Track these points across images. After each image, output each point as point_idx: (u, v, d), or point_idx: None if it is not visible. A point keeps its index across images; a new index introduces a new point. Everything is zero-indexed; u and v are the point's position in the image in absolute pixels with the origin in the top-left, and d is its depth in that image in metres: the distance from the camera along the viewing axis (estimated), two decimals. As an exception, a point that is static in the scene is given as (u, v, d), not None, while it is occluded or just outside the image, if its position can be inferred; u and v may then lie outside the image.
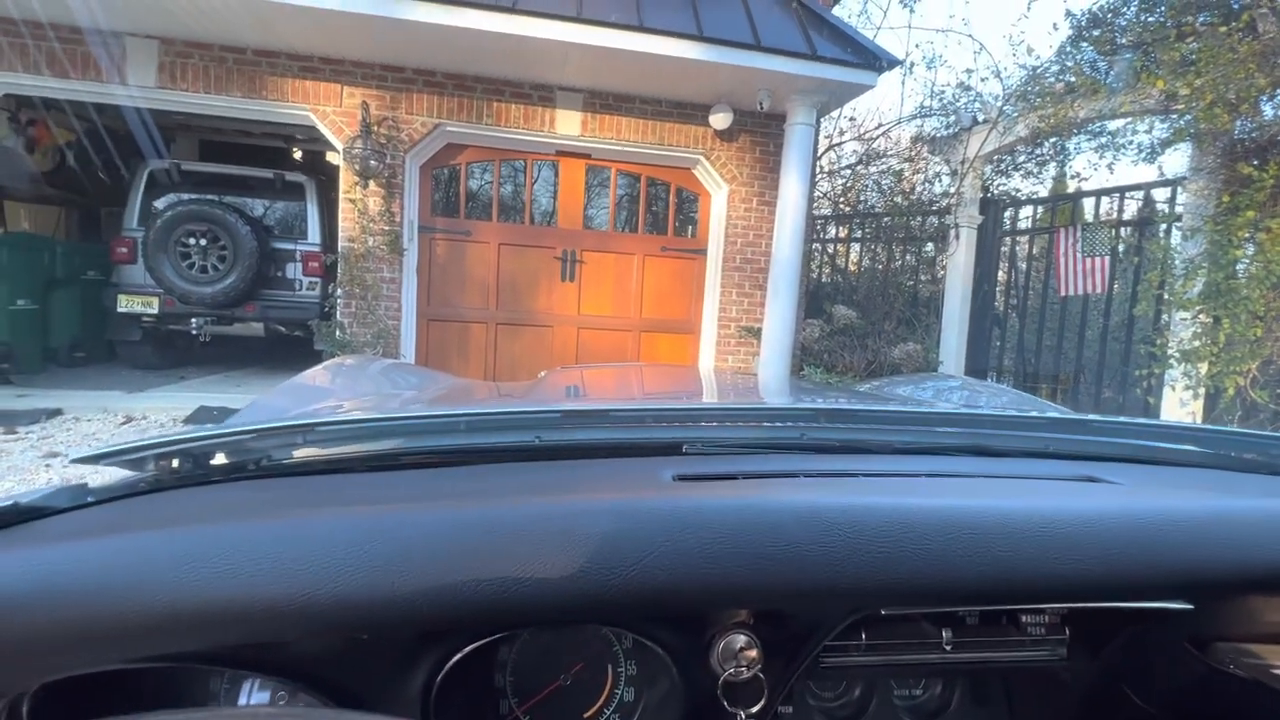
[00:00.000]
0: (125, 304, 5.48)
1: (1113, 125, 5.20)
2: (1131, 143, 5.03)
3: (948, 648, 0.49)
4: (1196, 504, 0.46)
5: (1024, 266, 6.42)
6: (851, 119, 10.10)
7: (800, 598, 0.38)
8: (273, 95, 4.80)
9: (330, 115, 4.90)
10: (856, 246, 7.44)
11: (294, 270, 5.80)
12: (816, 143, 5.70)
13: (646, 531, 0.38)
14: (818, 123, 5.40)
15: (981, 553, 0.41)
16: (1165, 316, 4.47)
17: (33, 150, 6.02)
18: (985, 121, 5.80)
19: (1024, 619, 0.46)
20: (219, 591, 0.34)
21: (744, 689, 0.46)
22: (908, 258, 6.89)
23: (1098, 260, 5.00)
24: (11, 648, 0.32)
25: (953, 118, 6.20)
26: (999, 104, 5.76)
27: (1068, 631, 0.50)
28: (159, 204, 5.56)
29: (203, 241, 5.33)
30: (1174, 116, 4.35)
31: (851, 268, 7.41)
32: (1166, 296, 4.28)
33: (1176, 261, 4.18)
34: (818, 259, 7.55)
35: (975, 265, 6.10)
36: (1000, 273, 6.33)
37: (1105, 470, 0.58)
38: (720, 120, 5.28)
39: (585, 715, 0.57)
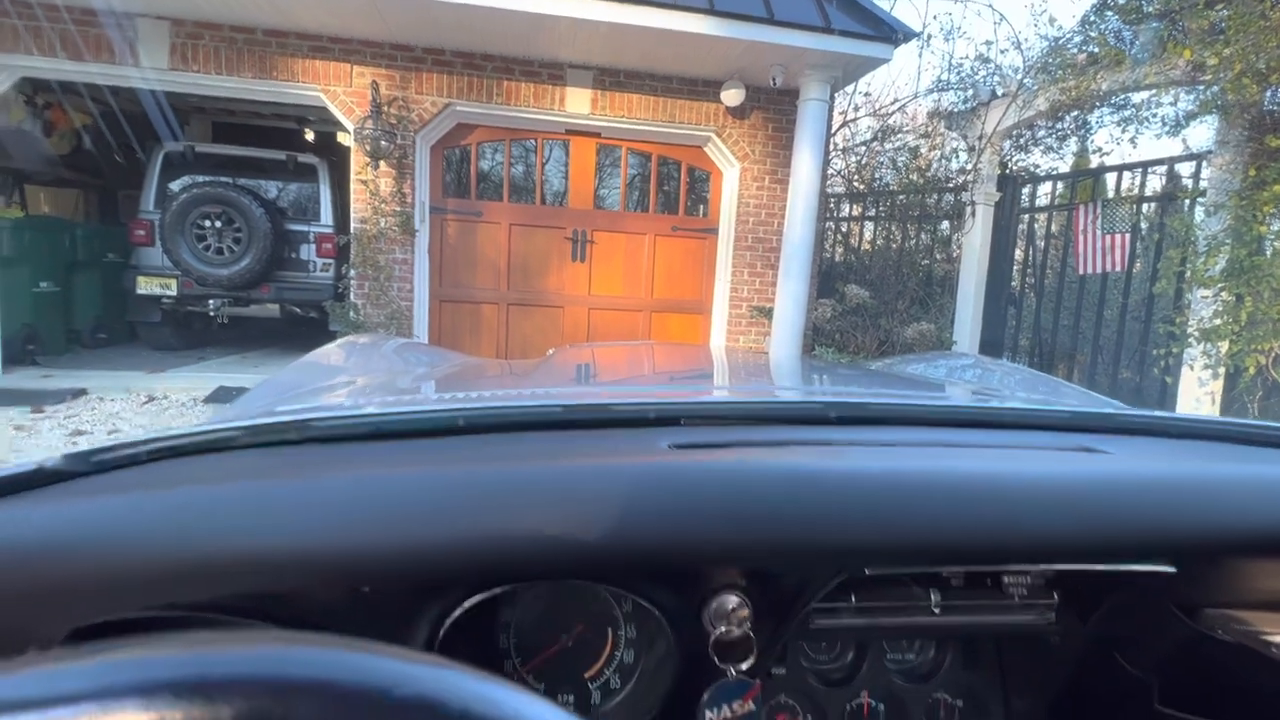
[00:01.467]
0: (144, 286, 5.57)
1: (1137, 98, 5.06)
2: (1156, 115, 4.89)
3: (936, 610, 0.50)
4: (1181, 468, 0.46)
5: (1042, 244, 6.30)
6: (866, 94, 9.91)
7: (786, 556, 0.40)
8: (283, 76, 4.80)
9: (340, 96, 4.90)
10: (870, 225, 7.34)
11: (308, 252, 5.85)
12: (830, 119, 5.61)
13: (637, 490, 0.39)
14: (831, 98, 5.31)
15: (965, 514, 0.42)
16: (1186, 295, 4.39)
17: (50, 134, 6.09)
18: (1004, 95, 5.66)
19: (1009, 581, 0.47)
20: (230, 543, 0.36)
21: (735, 647, 0.47)
22: (922, 236, 6.80)
23: (1118, 237, 4.90)
24: (46, 595, 0.34)
25: (971, 92, 6.06)
26: (1019, 77, 5.62)
27: (1056, 596, 0.51)
28: (174, 186, 5.62)
29: (218, 223, 5.39)
30: (1200, 88, 4.22)
31: (865, 247, 7.33)
32: (1187, 274, 4.20)
33: (1199, 238, 4.09)
34: (831, 238, 7.47)
35: (992, 243, 6.01)
36: (1017, 251, 6.22)
37: (1103, 442, 0.58)
38: (732, 97, 5.20)
39: (586, 675, 0.59)
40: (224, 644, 0.18)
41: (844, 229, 7.60)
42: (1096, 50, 4.85)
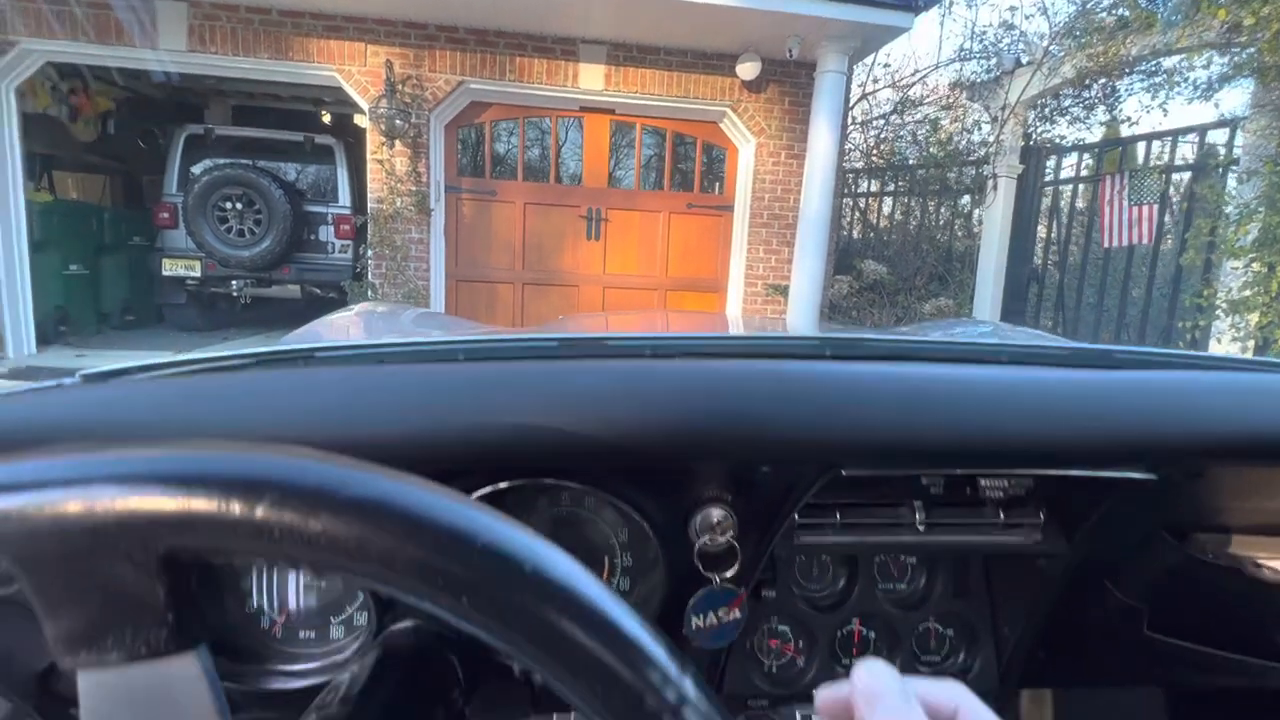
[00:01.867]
0: (170, 268, 5.69)
1: (1167, 63, 4.88)
2: (1187, 79, 4.72)
3: (921, 529, 0.51)
4: (1158, 376, 0.46)
5: (1066, 218, 6.15)
6: (886, 65, 9.66)
7: (766, 449, 0.41)
8: (299, 56, 4.83)
9: (355, 75, 4.92)
10: (889, 200, 7.22)
11: (326, 233, 5.92)
12: (848, 92, 5.50)
13: (624, 386, 0.41)
14: (849, 70, 5.20)
15: (942, 415, 0.42)
16: (1215, 267, 4.26)
17: (75, 119, 6.20)
18: (1029, 63, 5.50)
19: (987, 484, 0.48)
20: (226, 427, 0.38)
21: (720, 558, 0.49)
22: (942, 211, 6.67)
23: (1145, 209, 4.76)
24: None
25: (994, 60, 5.89)
26: (1044, 43, 5.46)
27: (1041, 516, 0.52)
28: (195, 169, 5.71)
29: (238, 205, 5.47)
30: (1235, 50, 4.06)
31: (883, 222, 7.21)
32: (1218, 245, 4.08)
33: (1230, 207, 3.96)
34: (849, 215, 7.36)
35: (1014, 217, 5.87)
36: (1040, 227, 6.08)
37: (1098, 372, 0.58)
38: (747, 70, 5.12)
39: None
40: (200, 448, 0.19)
41: (862, 205, 7.48)
42: (1126, 13, 4.68)
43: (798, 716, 0.61)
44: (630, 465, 0.42)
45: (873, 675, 0.24)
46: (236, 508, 0.18)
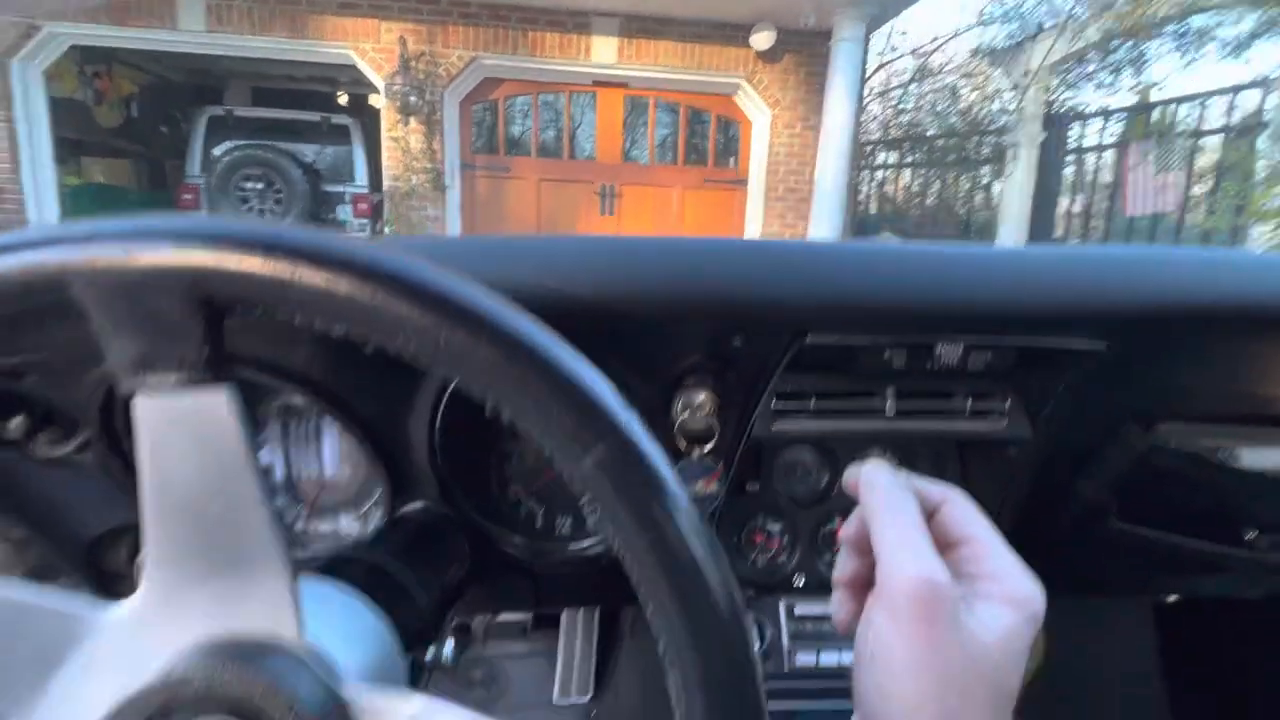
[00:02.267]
0: (194, 249, 5.82)
1: (1197, 21, 4.72)
2: (1217, 37, 4.56)
3: (890, 414, 0.54)
4: (1110, 249, 0.49)
5: (1089, 186, 6.00)
6: (904, 33, 9.44)
7: (736, 309, 0.45)
8: (314, 34, 4.88)
9: (369, 53, 4.96)
10: (907, 172, 7.10)
11: (344, 211, 6.01)
12: (865, 60, 5.41)
13: (608, 255, 0.45)
14: (867, 38, 5.12)
15: (898, 279, 0.46)
16: (1242, 231, 4.16)
17: (100, 103, 6.34)
18: (1053, 27, 5.36)
19: (943, 353, 0.50)
20: None
21: (701, 437, 0.53)
22: (961, 182, 6.55)
23: (1171, 175, 4.65)
24: None
25: (1016, 25, 5.74)
26: (1069, 5, 5.30)
27: (1009, 403, 0.55)
28: (216, 151, 5.81)
29: (259, 185, 5.57)
30: (1267, 6, 3.92)
31: (900, 194, 7.11)
32: (1246, 208, 3.98)
33: (1259, 168, 3.86)
34: (865, 187, 7.26)
35: (1035, 187, 5.76)
36: (1063, 197, 5.95)
37: None
38: (762, 40, 5.06)
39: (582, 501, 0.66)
40: (231, 219, 0.24)
41: (879, 177, 7.37)
42: (1155, -29, 4.53)
43: (781, 607, 0.65)
44: (613, 327, 0.45)
45: (876, 466, 0.32)
46: (255, 263, 0.22)
